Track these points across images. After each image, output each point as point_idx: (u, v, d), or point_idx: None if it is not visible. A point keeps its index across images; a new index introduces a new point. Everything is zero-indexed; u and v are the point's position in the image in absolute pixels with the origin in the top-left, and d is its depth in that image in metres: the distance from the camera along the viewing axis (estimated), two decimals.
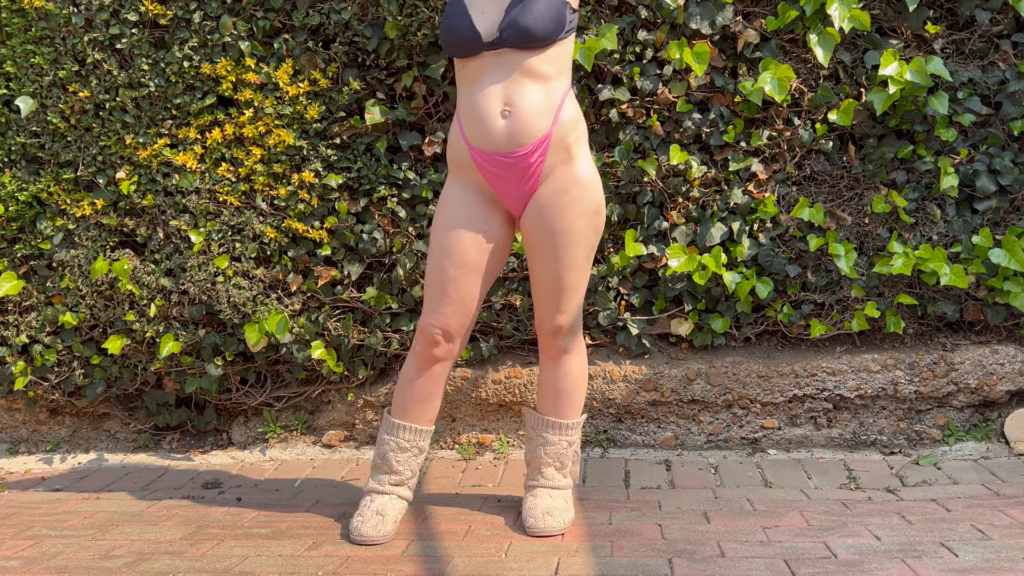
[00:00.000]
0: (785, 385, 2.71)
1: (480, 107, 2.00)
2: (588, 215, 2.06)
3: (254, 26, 2.69)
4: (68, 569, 2.01)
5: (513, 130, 1.98)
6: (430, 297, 2.11)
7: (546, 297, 2.11)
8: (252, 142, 2.71)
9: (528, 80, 1.98)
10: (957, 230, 2.66)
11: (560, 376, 2.18)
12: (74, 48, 2.75)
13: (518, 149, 2.00)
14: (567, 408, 2.19)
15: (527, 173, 2.03)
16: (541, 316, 2.14)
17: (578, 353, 2.18)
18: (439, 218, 2.10)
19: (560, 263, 2.06)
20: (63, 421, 3.02)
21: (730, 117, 2.67)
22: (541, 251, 2.07)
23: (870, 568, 1.86)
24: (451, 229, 2.07)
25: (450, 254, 2.07)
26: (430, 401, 2.17)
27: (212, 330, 2.81)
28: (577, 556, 1.98)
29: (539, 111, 1.98)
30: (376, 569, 1.95)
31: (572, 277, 2.09)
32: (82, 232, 2.80)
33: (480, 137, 2.01)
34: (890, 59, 2.52)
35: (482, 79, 2.00)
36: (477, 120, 2.01)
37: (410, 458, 2.19)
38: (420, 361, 2.14)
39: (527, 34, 1.94)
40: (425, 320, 2.11)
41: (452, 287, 2.08)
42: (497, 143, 2.00)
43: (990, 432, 2.69)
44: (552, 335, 2.14)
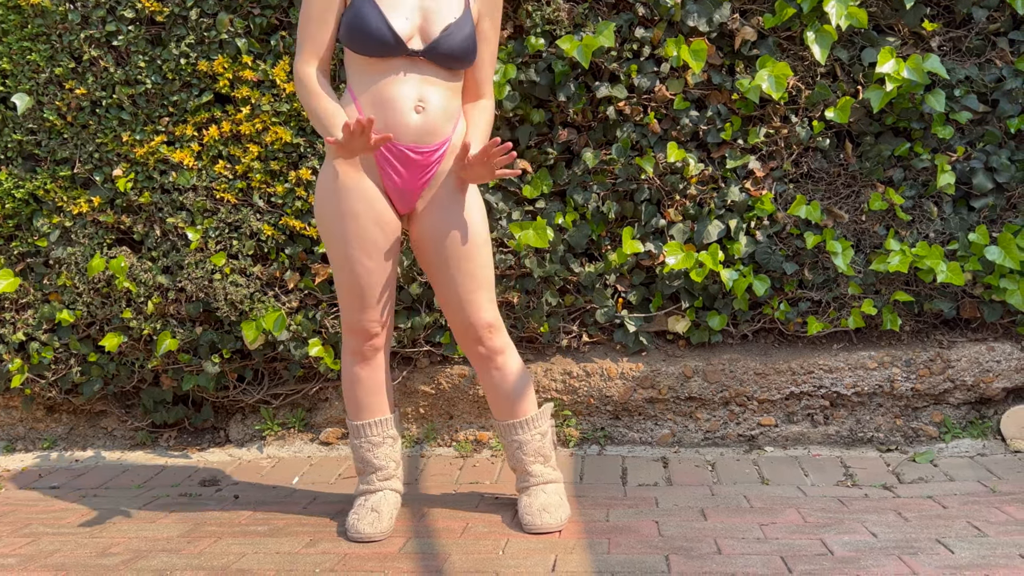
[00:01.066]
0: (782, 382, 2.72)
1: (392, 98, 2.00)
2: (483, 215, 2.12)
3: (251, 23, 2.69)
4: (65, 566, 2.01)
5: (423, 126, 2.02)
6: (351, 295, 2.08)
7: (466, 302, 2.10)
8: (249, 139, 2.71)
9: (439, 86, 2.03)
10: (954, 228, 2.67)
11: (505, 377, 2.16)
12: (70, 45, 2.74)
13: (426, 145, 2.03)
14: (523, 404, 2.18)
15: (424, 170, 2.05)
16: (468, 321, 2.11)
17: (511, 347, 2.17)
18: (332, 210, 2.05)
19: (473, 263, 2.08)
20: (60, 419, 3.02)
21: (727, 115, 2.67)
22: (449, 256, 2.08)
23: (867, 565, 1.87)
24: (352, 217, 2.04)
25: (360, 244, 2.05)
26: (382, 390, 2.19)
27: (209, 327, 2.81)
28: (574, 553, 1.98)
29: (447, 114, 2.05)
30: (373, 566, 1.95)
31: (488, 273, 2.11)
32: (79, 229, 2.80)
33: (386, 126, 2.01)
34: (887, 57, 2.52)
35: (394, 73, 2.01)
36: (387, 110, 2.00)
37: (387, 450, 2.21)
38: (362, 359, 2.15)
39: (450, 59, 2.01)
40: (354, 318, 2.10)
41: (372, 279, 2.07)
42: (404, 136, 2.01)
43: (986, 429, 2.69)
44: (481, 339, 2.12)
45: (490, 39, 2.13)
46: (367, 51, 1.99)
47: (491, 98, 2.17)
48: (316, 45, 2.04)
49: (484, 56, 2.13)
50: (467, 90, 2.16)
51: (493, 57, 2.16)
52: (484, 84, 2.15)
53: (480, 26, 2.11)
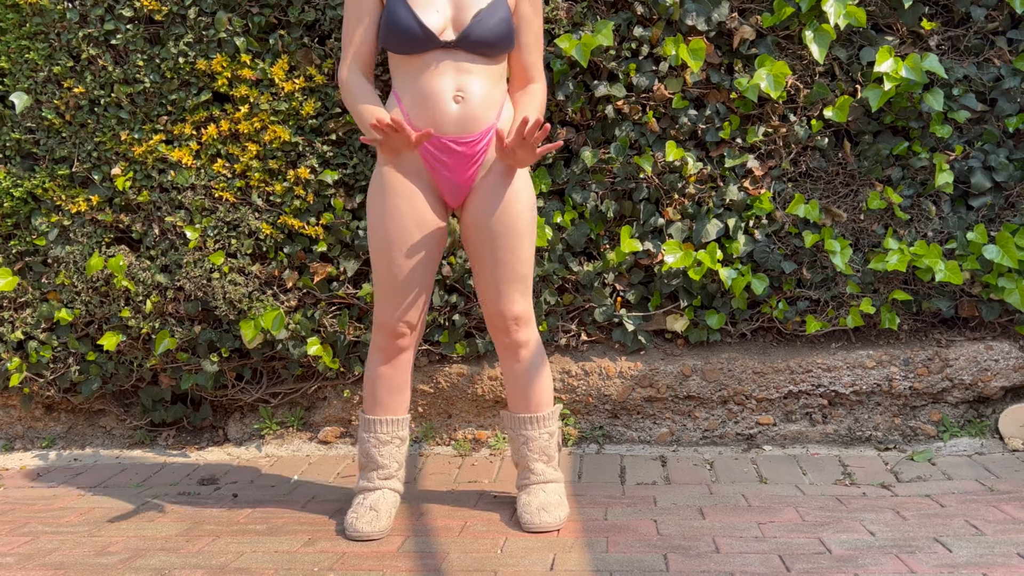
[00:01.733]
0: (780, 381, 2.72)
1: (431, 91, 2.02)
2: (530, 205, 2.12)
3: (249, 22, 2.68)
4: (64, 565, 2.01)
5: (464, 116, 2.02)
6: (385, 290, 2.11)
7: (499, 289, 2.12)
8: (248, 138, 2.71)
9: (479, 74, 2.04)
10: (952, 226, 2.67)
11: (523, 370, 2.18)
12: (69, 44, 2.74)
13: (467, 136, 2.04)
14: (540, 400, 2.20)
15: (471, 161, 2.06)
16: (495, 309, 2.14)
17: (536, 343, 2.19)
18: (377, 208, 2.09)
19: (512, 254, 2.09)
20: (59, 418, 3.02)
21: (726, 113, 2.67)
22: (492, 244, 2.09)
23: (864, 563, 1.87)
24: (395, 219, 2.07)
25: (399, 244, 2.07)
26: (402, 391, 2.20)
27: (208, 326, 2.81)
28: (573, 552, 1.99)
29: (489, 102, 2.05)
30: (372, 565, 1.95)
31: (526, 267, 2.12)
32: (77, 228, 2.80)
33: (429, 120, 2.03)
34: (885, 56, 2.52)
35: (432, 67, 2.02)
36: (427, 103, 2.02)
37: (393, 450, 2.21)
38: (386, 355, 2.16)
39: (484, 45, 2.01)
40: (385, 315, 2.12)
41: (406, 279, 2.09)
42: (447, 128, 2.03)
43: (984, 428, 2.70)
44: (507, 330, 2.15)
45: (532, 21, 2.12)
46: (401, 48, 2.02)
47: (541, 81, 2.16)
48: (356, 49, 2.09)
49: (527, 39, 2.12)
50: (515, 76, 2.16)
51: (538, 40, 2.14)
52: (531, 68, 2.14)
53: (519, 9, 2.10)
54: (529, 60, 2.14)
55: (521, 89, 2.16)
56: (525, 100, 2.14)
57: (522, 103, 2.13)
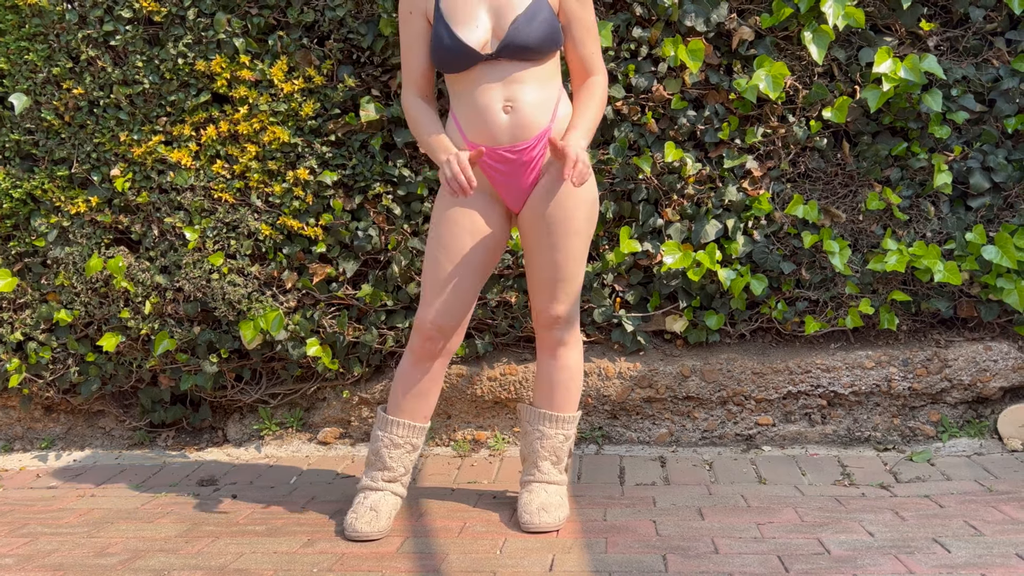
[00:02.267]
0: (779, 382, 2.72)
1: (481, 104, 2.03)
2: (587, 205, 2.11)
3: (248, 23, 2.69)
4: (63, 567, 2.01)
5: (516, 125, 2.03)
6: (427, 293, 2.12)
7: (544, 287, 2.13)
8: (247, 139, 2.71)
9: (526, 80, 2.04)
10: (951, 227, 2.67)
11: (557, 368, 2.19)
12: (68, 45, 2.74)
13: (520, 143, 2.04)
14: (564, 401, 2.21)
15: (528, 168, 2.06)
16: (539, 306, 2.16)
17: (575, 346, 2.20)
18: (437, 214, 2.13)
19: (558, 253, 2.10)
20: (58, 418, 3.02)
21: (725, 114, 2.67)
22: (539, 241, 2.10)
23: (863, 564, 1.87)
24: (449, 226, 2.09)
25: (448, 250, 2.09)
26: (426, 397, 2.18)
27: (207, 327, 2.81)
28: (572, 552, 1.99)
29: (539, 106, 2.04)
30: (371, 566, 1.95)
31: (570, 267, 2.12)
32: (76, 229, 2.80)
33: (481, 133, 2.05)
34: (884, 56, 2.52)
35: (481, 81, 2.04)
36: (478, 117, 2.04)
37: (403, 455, 2.20)
38: (416, 357, 2.15)
39: (527, 51, 2.01)
40: (422, 316, 2.13)
41: (448, 282, 2.10)
42: (499, 138, 2.04)
43: (983, 428, 2.70)
44: (549, 326, 2.16)
45: (581, 17, 2.10)
46: (448, 68, 2.04)
47: (600, 72, 2.14)
48: (411, 72, 2.12)
49: (578, 34, 2.11)
50: (573, 71, 2.15)
51: (590, 32, 2.11)
52: (588, 60, 2.13)
53: (564, 7, 2.09)
54: (584, 53, 2.12)
55: (582, 83, 2.15)
56: (582, 98, 2.11)
57: (579, 102, 2.11)
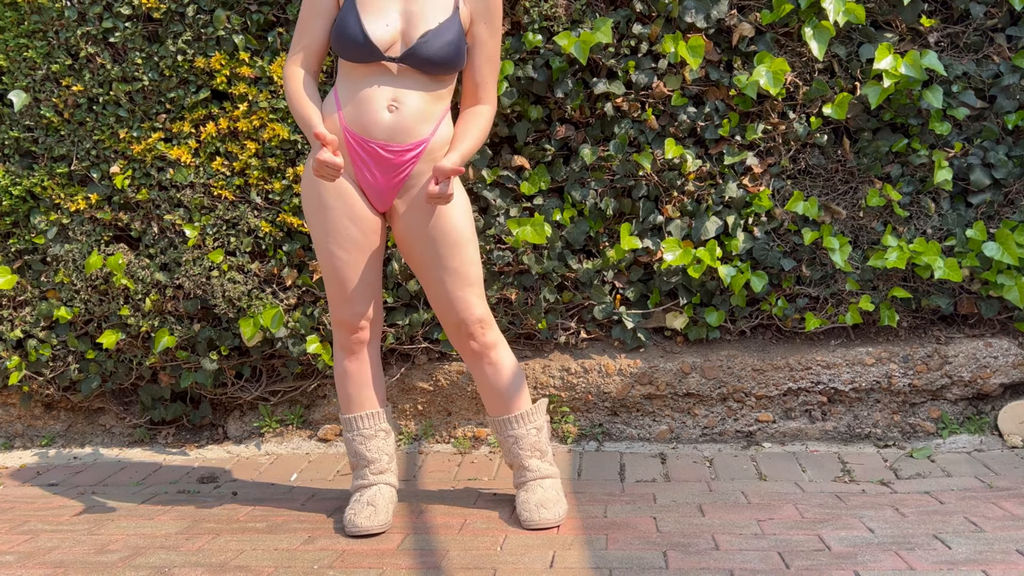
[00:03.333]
0: (780, 378, 2.72)
1: (367, 97, 2.02)
2: (467, 211, 2.10)
3: (248, 20, 2.68)
4: (64, 564, 2.01)
5: (396, 125, 2.02)
6: (333, 288, 2.12)
7: (455, 299, 2.10)
8: (246, 136, 2.71)
9: (418, 88, 2.03)
10: (951, 224, 2.67)
11: (498, 372, 2.17)
12: (67, 42, 2.74)
13: (397, 145, 2.03)
14: (518, 399, 2.20)
15: (397, 170, 2.05)
16: (458, 318, 2.12)
17: (503, 342, 2.18)
18: (312, 206, 2.10)
19: (458, 261, 2.08)
20: (58, 416, 3.02)
21: (725, 111, 2.67)
22: (432, 254, 2.08)
23: (863, 560, 1.87)
24: (327, 213, 2.08)
25: (336, 237, 2.08)
26: (372, 384, 2.21)
27: (207, 324, 2.81)
28: (572, 549, 1.99)
29: (423, 116, 2.04)
30: (371, 562, 1.96)
31: (475, 270, 2.11)
32: (76, 227, 2.80)
33: (360, 123, 2.03)
34: (885, 53, 2.52)
35: (375, 76, 2.03)
36: (361, 107, 2.02)
37: (379, 442, 2.21)
38: (348, 351, 2.17)
39: (429, 65, 2.00)
40: (339, 312, 2.13)
41: (350, 272, 2.10)
42: (377, 134, 2.03)
43: (984, 425, 2.70)
44: (472, 335, 2.13)
45: (485, 43, 2.09)
46: (346, 56, 2.02)
47: (491, 103, 2.13)
48: (303, 48, 2.09)
49: (478, 61, 2.10)
50: (465, 94, 2.15)
51: (491, 61, 2.11)
52: (482, 87, 2.12)
53: (473, 30, 2.08)
54: (479, 79, 2.11)
55: (470, 107, 2.13)
56: (467, 123, 2.09)
57: (462, 126, 2.09)
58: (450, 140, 2.09)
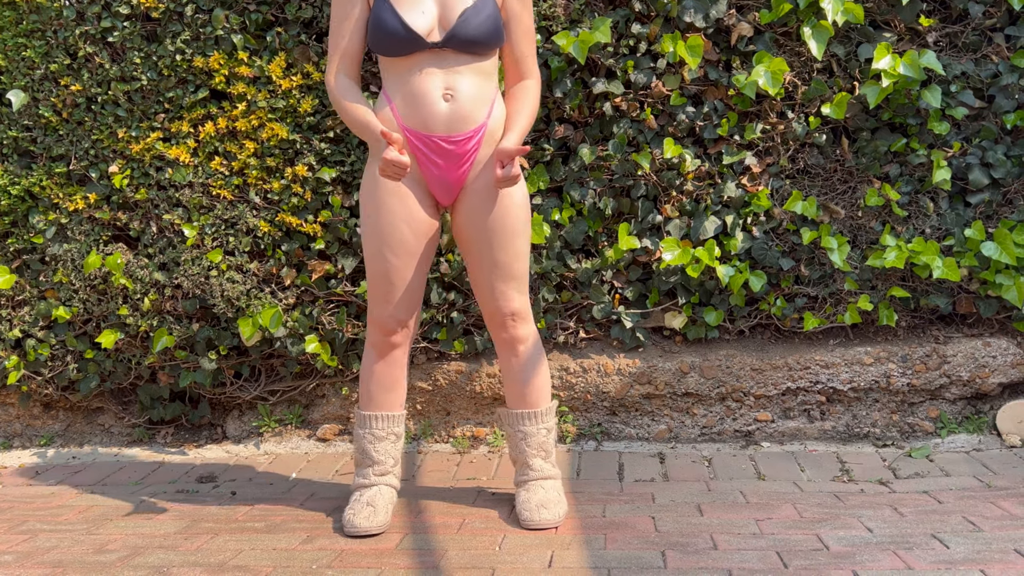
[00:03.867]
0: (778, 378, 2.72)
1: (420, 90, 2.03)
2: (523, 205, 2.13)
3: (247, 19, 2.68)
4: (62, 563, 2.01)
5: (454, 115, 2.03)
6: (377, 289, 2.13)
7: (497, 288, 2.13)
8: (245, 136, 2.71)
9: (468, 73, 2.05)
10: (950, 223, 2.67)
11: (523, 366, 2.19)
12: (66, 41, 2.74)
13: (457, 134, 2.04)
14: (536, 396, 2.21)
15: (461, 160, 2.07)
16: (494, 308, 2.15)
17: (534, 338, 2.21)
18: (369, 206, 2.11)
19: (506, 253, 2.11)
20: (57, 415, 3.02)
21: (724, 110, 2.67)
22: (482, 244, 2.11)
23: (862, 560, 1.87)
24: (386, 217, 2.09)
25: (388, 241, 2.09)
26: (396, 388, 2.21)
27: (206, 324, 2.81)
28: (571, 549, 1.99)
29: (478, 100, 2.05)
30: (370, 562, 1.96)
31: (521, 265, 2.13)
32: (75, 226, 2.80)
33: (417, 119, 2.04)
34: (883, 52, 2.52)
35: (421, 67, 2.03)
36: (416, 103, 2.03)
37: (388, 446, 2.22)
38: (379, 351, 2.18)
39: (472, 44, 2.01)
40: (378, 312, 2.14)
41: (397, 276, 2.11)
42: (436, 127, 2.04)
43: (982, 424, 2.70)
44: (506, 326, 2.16)
45: (520, 16, 2.12)
46: (389, 51, 2.03)
47: (534, 76, 2.16)
48: (340, 54, 2.10)
49: (516, 35, 2.12)
50: (508, 71, 2.16)
51: (528, 34, 2.14)
52: (523, 62, 2.14)
53: (506, 6, 2.10)
54: (520, 54, 2.14)
55: (515, 84, 2.16)
56: (517, 99, 2.12)
57: (513, 105, 2.12)
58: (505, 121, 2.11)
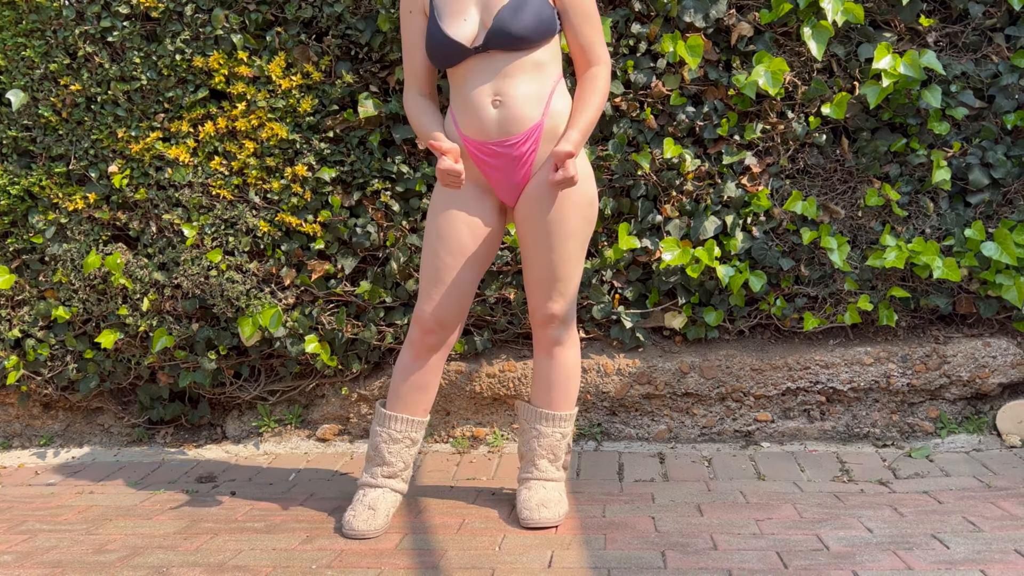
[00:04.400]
0: (778, 378, 2.72)
1: (472, 99, 2.05)
2: (582, 206, 2.10)
3: (246, 19, 2.68)
4: (62, 563, 2.01)
5: (504, 119, 2.03)
6: (425, 285, 2.13)
7: (540, 287, 2.13)
8: (245, 136, 2.70)
9: (518, 72, 2.03)
10: (950, 223, 2.67)
11: (554, 367, 2.20)
12: (65, 41, 2.74)
13: (509, 138, 2.04)
14: (560, 400, 2.21)
15: (519, 162, 2.06)
16: (535, 305, 2.16)
17: (572, 345, 2.20)
18: (434, 207, 2.14)
19: (554, 254, 2.10)
20: (56, 415, 3.02)
21: (724, 110, 2.67)
22: (535, 241, 2.11)
23: (862, 560, 1.87)
24: (446, 217, 2.10)
25: (445, 241, 2.10)
26: (425, 391, 2.19)
27: (205, 324, 2.81)
28: (571, 549, 1.99)
29: (530, 100, 2.03)
30: (370, 563, 1.95)
31: (566, 268, 2.12)
32: (74, 226, 2.79)
33: (473, 127, 2.06)
34: (883, 52, 2.52)
35: (473, 75, 2.05)
36: (470, 111, 2.05)
37: (402, 449, 2.20)
38: (416, 350, 2.16)
39: (515, 40, 2.00)
40: (421, 308, 2.14)
41: (447, 275, 2.11)
42: (489, 133, 2.05)
43: (982, 425, 2.70)
44: (545, 325, 2.17)
45: (574, 2, 2.06)
46: (440, 63, 2.07)
47: (601, 62, 2.10)
48: (412, 70, 2.15)
49: (575, 21, 2.07)
50: (576, 60, 2.13)
51: (589, 18, 2.07)
52: (588, 49, 2.09)
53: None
54: (583, 42, 2.09)
55: (583, 72, 2.12)
56: (581, 93, 2.08)
57: (578, 99, 2.08)
58: (568, 113, 2.08)
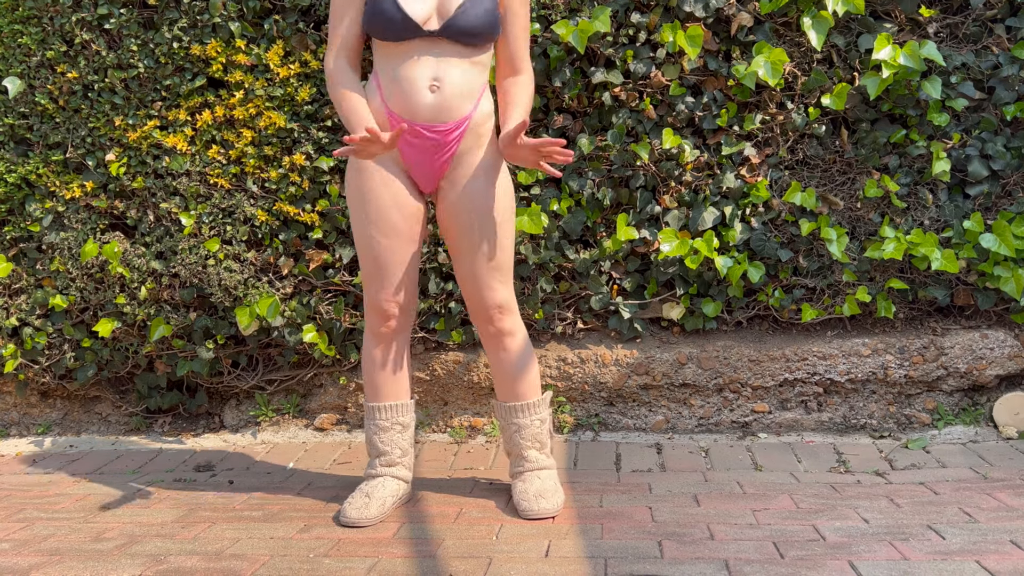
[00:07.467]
0: (776, 369, 2.72)
1: (408, 77, 2.02)
2: (507, 194, 2.13)
3: (244, 7, 2.67)
4: (59, 551, 2.01)
5: (439, 105, 2.02)
6: (372, 273, 2.13)
7: (479, 279, 2.13)
8: (243, 124, 2.70)
9: (460, 64, 2.04)
10: (949, 215, 2.67)
11: (511, 359, 2.19)
12: (62, 28, 2.72)
13: (441, 124, 2.04)
14: (529, 388, 2.21)
15: (442, 150, 2.06)
16: (477, 300, 2.14)
17: (521, 330, 2.19)
18: (355, 191, 2.11)
19: (490, 243, 2.10)
20: (54, 404, 3.02)
21: (723, 101, 2.66)
22: (467, 235, 2.10)
23: (858, 550, 1.88)
24: (372, 199, 2.09)
25: (378, 224, 2.09)
26: (399, 376, 2.21)
27: (203, 313, 2.80)
28: (568, 538, 1.99)
29: (465, 93, 2.04)
30: (367, 551, 1.96)
31: (503, 256, 2.13)
32: (72, 214, 2.79)
33: (401, 105, 2.03)
34: (884, 43, 2.51)
35: (412, 55, 2.03)
36: (404, 89, 2.03)
37: (394, 436, 2.21)
38: (379, 339, 2.18)
39: (468, 35, 2.00)
40: (373, 297, 2.14)
41: (391, 257, 2.11)
42: (420, 114, 2.03)
43: (979, 416, 2.70)
44: (491, 319, 2.15)
45: (518, 12, 2.11)
46: (384, 36, 2.02)
47: (529, 73, 2.15)
48: (341, 38, 2.09)
49: (513, 30, 2.11)
50: (501, 66, 2.15)
51: (525, 31, 2.13)
52: (518, 59, 2.13)
53: (504, 1, 2.10)
54: (515, 50, 2.13)
55: (510, 79, 2.15)
56: (515, 91, 2.12)
57: (511, 94, 2.11)
58: (491, 114, 2.11)
